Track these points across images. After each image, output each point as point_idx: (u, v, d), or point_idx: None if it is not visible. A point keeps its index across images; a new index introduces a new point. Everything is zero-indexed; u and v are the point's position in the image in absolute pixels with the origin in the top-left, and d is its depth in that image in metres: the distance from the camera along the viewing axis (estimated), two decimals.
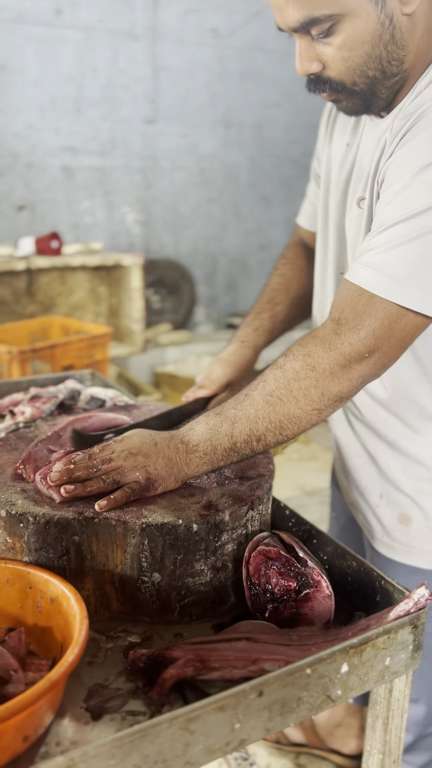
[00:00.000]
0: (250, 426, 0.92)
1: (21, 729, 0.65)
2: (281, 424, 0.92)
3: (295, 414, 0.92)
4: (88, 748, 0.60)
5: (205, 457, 0.93)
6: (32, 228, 3.79)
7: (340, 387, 0.92)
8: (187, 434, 0.94)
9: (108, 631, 0.87)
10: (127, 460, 0.90)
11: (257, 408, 0.92)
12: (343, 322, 0.92)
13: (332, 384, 0.91)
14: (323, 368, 0.91)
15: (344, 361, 0.91)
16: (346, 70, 0.94)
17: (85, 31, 3.74)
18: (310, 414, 0.93)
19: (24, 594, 0.84)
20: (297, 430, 0.94)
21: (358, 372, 0.92)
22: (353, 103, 1.00)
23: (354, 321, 0.91)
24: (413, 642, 0.81)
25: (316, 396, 0.92)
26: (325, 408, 0.93)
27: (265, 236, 4.76)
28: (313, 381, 0.91)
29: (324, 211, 1.21)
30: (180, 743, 0.65)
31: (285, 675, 0.71)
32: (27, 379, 1.58)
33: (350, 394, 0.94)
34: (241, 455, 0.94)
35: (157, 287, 4.33)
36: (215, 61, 4.21)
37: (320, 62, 0.95)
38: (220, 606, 0.92)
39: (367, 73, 0.95)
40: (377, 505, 1.22)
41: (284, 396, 0.92)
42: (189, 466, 0.93)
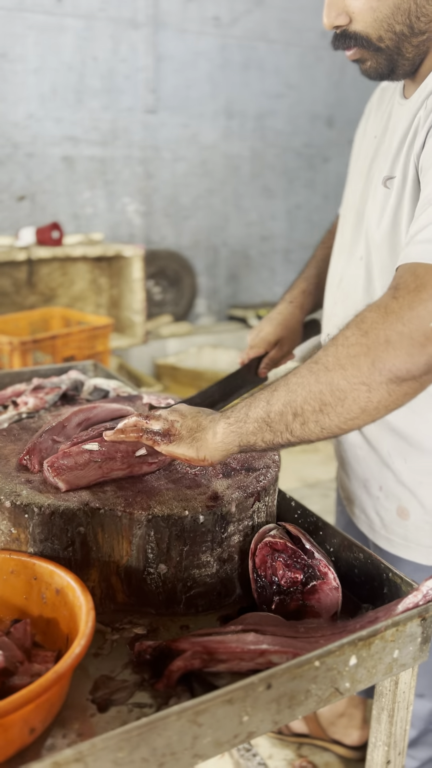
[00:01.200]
0: (289, 395, 0.82)
1: (28, 721, 0.64)
2: (323, 398, 0.80)
3: (339, 385, 0.79)
4: (96, 741, 0.59)
5: (235, 425, 0.85)
6: (33, 218, 3.77)
7: (396, 360, 0.76)
8: (232, 407, 0.90)
9: (113, 623, 0.86)
10: (164, 413, 0.91)
11: (300, 375, 0.82)
12: (401, 287, 0.80)
13: (386, 354, 0.77)
14: (377, 334, 0.78)
15: (403, 328, 0.76)
16: (373, 21, 0.93)
17: (86, 20, 3.70)
18: (357, 389, 0.78)
19: (29, 585, 0.83)
20: (341, 410, 0.80)
21: (423, 348, 0.76)
22: (378, 63, 0.98)
23: (414, 283, 0.79)
24: (422, 634, 0.80)
25: (365, 366, 0.77)
26: (375, 386, 0.78)
27: (266, 227, 4.73)
28: (363, 348, 0.78)
29: (346, 203, 1.22)
30: (188, 736, 0.65)
31: (294, 667, 0.70)
32: (29, 369, 1.57)
33: (410, 375, 0.77)
34: (274, 433, 0.83)
35: (158, 278, 4.32)
36: (217, 51, 4.17)
37: (347, 15, 0.94)
38: (226, 598, 0.91)
39: (394, 27, 0.93)
40: (377, 497, 1.19)
41: (330, 363, 0.80)
42: (215, 435, 0.86)
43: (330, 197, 4.96)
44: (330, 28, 0.97)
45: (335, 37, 0.98)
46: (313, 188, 4.86)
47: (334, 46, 1.00)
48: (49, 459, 0.92)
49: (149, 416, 0.91)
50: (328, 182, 4.92)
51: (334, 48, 1.00)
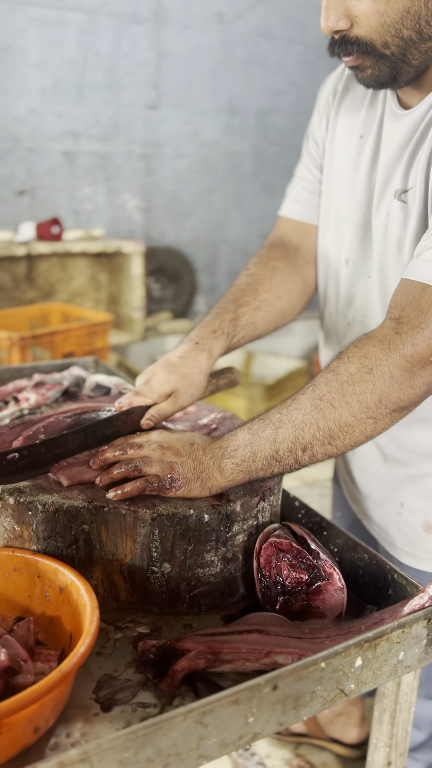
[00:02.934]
0: (296, 432, 0.84)
1: (32, 720, 0.64)
2: (331, 433, 0.84)
3: (347, 422, 0.83)
4: (102, 741, 0.59)
5: (243, 465, 0.86)
6: (33, 213, 3.75)
7: (401, 394, 0.82)
8: (227, 438, 0.89)
9: (116, 622, 0.86)
10: (156, 452, 0.88)
11: (305, 413, 0.84)
12: (404, 321, 0.83)
13: (392, 390, 0.82)
14: (382, 371, 0.82)
15: (406, 364, 0.82)
16: (380, 27, 0.85)
17: (89, 14, 3.68)
18: (365, 423, 0.83)
19: (32, 583, 0.83)
20: (349, 441, 0.85)
21: (422, 378, 0.82)
22: (379, 71, 0.90)
23: (417, 319, 0.81)
24: (427, 636, 0.80)
25: (372, 402, 0.82)
26: (381, 417, 0.83)
27: (267, 225, 4.72)
28: (369, 385, 0.82)
29: (332, 207, 1.12)
30: (194, 736, 0.64)
31: (299, 669, 0.70)
32: (30, 365, 1.56)
33: (411, 403, 0.84)
34: (284, 466, 0.86)
35: (158, 275, 4.30)
36: (219, 47, 4.15)
37: (348, 18, 0.86)
38: (230, 597, 0.91)
39: (401, 32, 0.85)
40: (399, 513, 1.14)
41: (336, 401, 0.83)
42: (223, 474, 0.87)
43: None
44: (329, 33, 0.89)
45: (333, 42, 0.90)
46: None
47: (331, 52, 0.92)
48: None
49: (135, 449, 0.89)
50: None
51: (331, 54, 0.92)
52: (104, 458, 0.90)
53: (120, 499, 0.85)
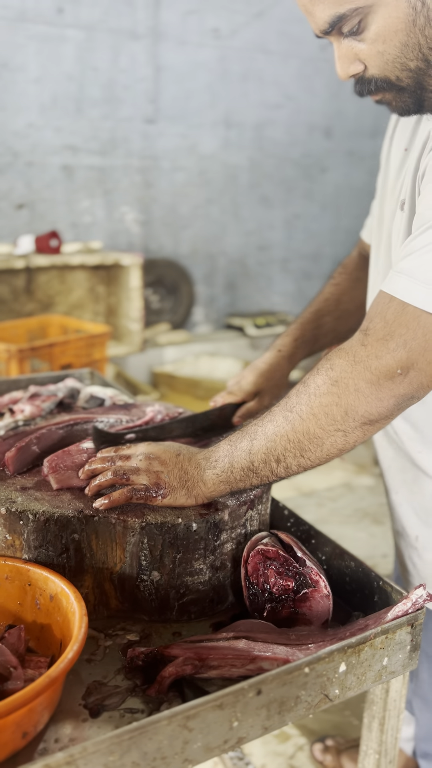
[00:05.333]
0: (268, 444, 0.85)
1: (20, 725, 0.65)
2: (301, 445, 0.84)
3: (315, 434, 0.83)
4: (88, 745, 0.60)
5: (222, 475, 0.88)
6: (32, 226, 3.79)
7: (368, 407, 0.81)
8: (211, 449, 0.91)
9: (107, 629, 0.87)
10: (143, 462, 0.90)
11: (276, 424, 0.85)
12: (370, 333, 0.82)
13: (357, 403, 0.81)
14: (346, 384, 0.81)
15: (371, 376, 0.80)
16: (385, 64, 0.87)
17: (87, 31, 3.74)
18: (333, 435, 0.83)
19: (23, 591, 0.84)
20: (321, 453, 0.84)
21: (389, 391, 0.80)
22: (403, 102, 0.92)
23: (383, 331, 0.81)
24: (411, 642, 0.81)
25: (338, 415, 0.82)
26: (350, 431, 0.82)
27: (264, 237, 4.76)
28: (335, 398, 0.81)
29: (379, 222, 1.13)
30: (179, 740, 0.66)
31: (283, 674, 0.71)
32: (26, 377, 1.58)
33: (381, 416, 0.82)
34: (261, 478, 0.87)
35: (156, 287, 4.33)
36: (216, 62, 4.21)
37: (360, 62, 0.89)
38: (219, 605, 0.92)
39: (408, 65, 0.87)
40: (414, 547, 1.12)
41: (304, 413, 0.83)
42: (206, 484, 0.89)
43: (328, 207, 5.00)
44: (346, 78, 0.92)
45: (356, 83, 0.93)
46: (311, 198, 4.89)
47: (357, 93, 0.94)
48: (50, 456, 0.94)
49: (123, 460, 0.92)
50: (326, 192, 4.95)
51: (358, 94, 0.95)
52: (93, 469, 0.92)
53: (107, 508, 0.86)
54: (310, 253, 5.02)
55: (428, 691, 1.18)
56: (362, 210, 5.14)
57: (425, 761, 1.25)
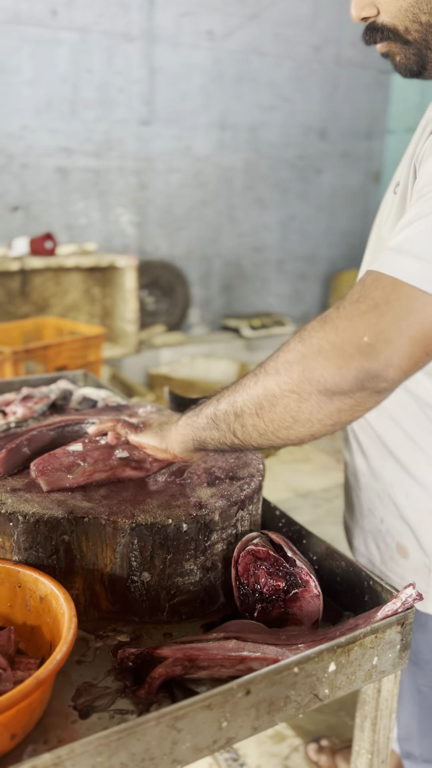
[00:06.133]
0: (234, 395, 0.83)
1: (8, 727, 0.65)
2: (258, 400, 0.79)
3: (272, 390, 0.78)
4: (75, 746, 0.60)
5: (189, 419, 0.90)
6: (27, 228, 3.79)
7: (324, 372, 0.73)
8: None
9: (97, 630, 0.87)
10: (148, 412, 1.00)
11: (246, 378, 0.83)
12: (347, 296, 0.76)
13: (316, 364, 0.73)
14: (311, 342, 0.75)
15: (335, 338, 0.72)
16: (398, 11, 0.88)
17: (81, 33, 3.74)
18: (288, 397, 0.76)
19: (13, 593, 0.84)
20: (273, 416, 0.78)
21: (351, 360, 0.71)
22: (407, 57, 0.92)
23: (357, 294, 0.74)
24: (401, 641, 0.81)
25: (295, 373, 0.75)
26: (305, 395, 0.75)
27: (259, 238, 4.76)
28: (297, 354, 0.76)
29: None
30: (167, 741, 0.66)
31: (272, 673, 0.71)
32: (19, 379, 1.58)
33: (338, 389, 0.73)
34: (220, 431, 0.85)
35: (152, 289, 4.34)
36: (211, 64, 4.21)
37: (374, 6, 0.91)
38: (210, 606, 0.92)
39: (419, 17, 0.88)
40: (378, 529, 1.11)
41: (270, 368, 0.79)
42: (177, 428, 0.92)
43: (323, 208, 5.01)
44: (358, 20, 0.93)
45: (365, 30, 0.95)
46: (305, 200, 4.90)
47: (364, 41, 0.95)
48: (36, 460, 0.94)
49: (132, 413, 1.00)
50: (320, 194, 4.96)
51: (365, 43, 0.96)
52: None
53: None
54: (305, 254, 5.03)
55: (403, 690, 1.18)
56: (357, 211, 5.17)
57: (408, 761, 1.25)
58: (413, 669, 1.12)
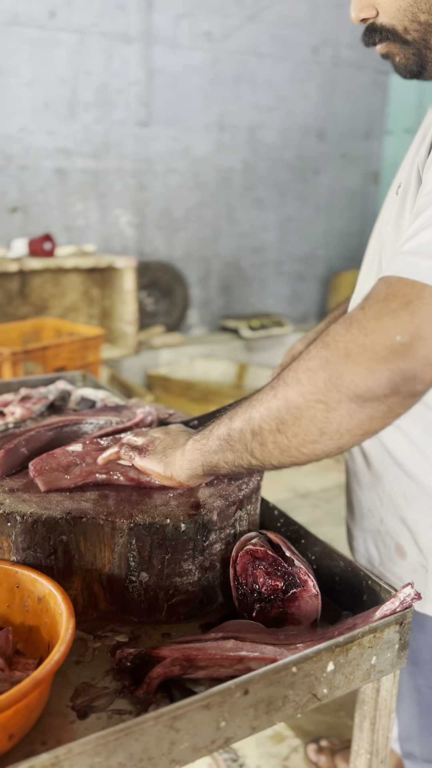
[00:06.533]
0: (249, 411, 0.76)
1: (6, 727, 0.65)
2: (279, 415, 0.73)
3: (295, 402, 0.71)
4: (73, 746, 0.60)
5: (200, 441, 0.83)
6: (25, 230, 3.79)
7: (355, 377, 0.67)
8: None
9: (96, 631, 0.87)
10: (153, 431, 0.95)
11: (262, 392, 0.76)
12: (371, 296, 0.71)
13: (345, 369, 0.68)
14: (337, 346, 0.69)
15: (365, 340, 0.67)
16: (397, 11, 0.88)
17: (79, 34, 3.74)
18: (314, 407, 0.70)
19: (11, 593, 0.84)
20: (298, 430, 0.72)
21: (385, 362, 0.66)
22: (406, 58, 0.91)
23: (384, 292, 0.69)
24: (399, 641, 0.81)
25: (321, 381, 0.69)
26: (334, 404, 0.69)
27: (258, 239, 4.77)
28: (322, 361, 0.70)
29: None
30: (165, 741, 0.66)
31: (271, 673, 0.71)
32: (18, 380, 1.58)
33: (371, 394, 0.68)
34: (235, 452, 0.79)
35: (151, 289, 4.34)
36: (209, 65, 4.22)
37: (374, 7, 0.90)
38: (208, 606, 0.92)
39: (418, 16, 0.87)
40: (378, 530, 1.10)
41: (290, 378, 0.73)
42: (183, 453, 0.86)
43: (321, 209, 5.01)
44: (357, 21, 0.93)
45: (364, 32, 0.94)
46: (304, 200, 4.90)
47: (364, 42, 0.95)
48: (34, 460, 0.94)
49: (138, 432, 0.95)
50: (319, 195, 4.96)
51: (364, 44, 0.95)
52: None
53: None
54: (304, 255, 5.03)
55: (403, 690, 1.18)
56: (356, 212, 5.17)
57: (409, 761, 1.25)
58: (413, 669, 1.12)
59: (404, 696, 1.19)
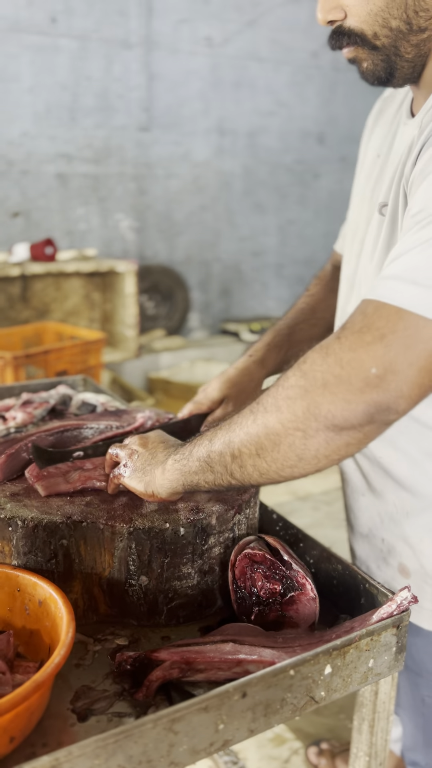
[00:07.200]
0: (229, 435, 0.78)
1: (7, 730, 0.66)
2: (258, 440, 0.75)
3: (274, 429, 0.73)
4: (73, 748, 0.61)
5: (180, 462, 0.84)
6: (27, 234, 3.80)
7: (332, 407, 0.70)
8: (189, 440, 0.89)
9: (96, 634, 0.88)
10: (133, 441, 0.95)
11: (241, 416, 0.78)
12: (347, 326, 0.72)
13: (322, 399, 0.70)
14: (314, 376, 0.71)
15: (341, 371, 0.69)
16: (367, 15, 0.85)
17: (80, 40, 3.76)
18: (292, 435, 0.72)
19: (12, 597, 0.85)
20: (277, 455, 0.74)
21: (360, 394, 0.69)
22: (374, 64, 0.89)
23: (360, 323, 0.71)
24: (396, 644, 0.82)
25: (300, 409, 0.71)
26: (312, 432, 0.71)
27: (258, 243, 4.78)
28: (300, 390, 0.72)
29: (353, 229, 1.09)
30: (164, 743, 0.66)
31: (269, 676, 0.72)
32: (19, 384, 1.59)
33: (347, 423, 0.70)
34: (215, 474, 0.80)
35: (152, 293, 4.35)
36: (209, 70, 4.24)
37: (342, 9, 0.87)
38: (207, 609, 0.93)
39: (389, 22, 0.84)
40: (380, 549, 1.09)
41: (269, 404, 0.75)
42: (164, 471, 0.86)
43: (321, 213, 5.02)
44: (324, 23, 0.90)
45: (330, 34, 0.91)
46: (304, 204, 4.92)
47: (330, 45, 0.92)
48: (31, 466, 0.95)
49: (120, 445, 0.95)
50: (319, 198, 4.98)
51: (330, 47, 0.92)
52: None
53: (113, 492, 0.94)
54: (304, 258, 5.04)
55: (408, 701, 1.18)
56: None
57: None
58: (417, 680, 1.12)
59: (408, 706, 1.19)
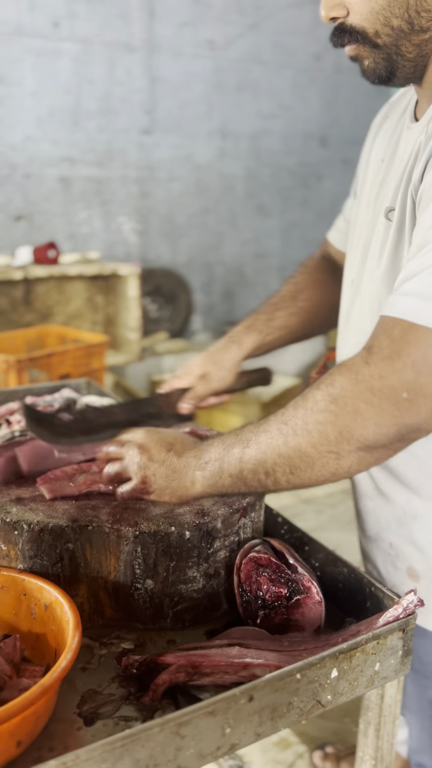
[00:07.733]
0: (259, 454, 0.82)
1: (14, 734, 0.66)
2: (292, 462, 0.80)
3: (307, 452, 0.78)
4: (80, 752, 0.61)
5: (211, 479, 0.88)
6: (30, 238, 3.81)
7: (364, 432, 0.74)
8: (202, 449, 0.90)
9: (101, 638, 0.88)
10: (134, 457, 0.92)
11: (270, 436, 0.82)
12: (375, 351, 0.75)
13: (354, 425, 0.74)
14: (345, 402, 0.75)
15: (372, 398, 0.73)
16: (369, 13, 0.85)
17: (83, 44, 3.78)
18: (325, 457, 0.77)
19: (18, 601, 0.85)
20: (311, 474, 0.80)
21: (391, 417, 0.73)
22: (376, 62, 0.89)
23: (388, 349, 0.73)
24: (402, 647, 0.82)
25: (332, 435, 0.76)
26: (345, 454, 0.77)
27: (261, 245, 4.79)
28: (331, 416, 0.76)
29: (357, 232, 1.09)
30: (171, 747, 0.66)
31: (275, 680, 0.72)
32: (23, 388, 1.59)
33: (378, 444, 0.75)
34: (249, 487, 0.86)
35: (154, 296, 4.36)
36: (211, 73, 4.25)
37: (344, 7, 0.88)
38: (213, 612, 0.93)
39: (391, 21, 0.85)
40: (388, 553, 1.09)
41: (299, 428, 0.79)
42: (194, 485, 0.89)
43: (324, 215, 5.02)
44: (327, 20, 0.90)
45: (333, 31, 0.91)
46: (307, 206, 4.92)
47: (332, 42, 0.92)
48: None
49: (119, 468, 0.94)
50: (321, 200, 4.98)
51: (333, 44, 0.92)
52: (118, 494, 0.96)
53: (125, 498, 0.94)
54: None
55: (415, 703, 1.18)
56: None
57: None
58: (424, 682, 1.11)
59: (415, 709, 1.18)
